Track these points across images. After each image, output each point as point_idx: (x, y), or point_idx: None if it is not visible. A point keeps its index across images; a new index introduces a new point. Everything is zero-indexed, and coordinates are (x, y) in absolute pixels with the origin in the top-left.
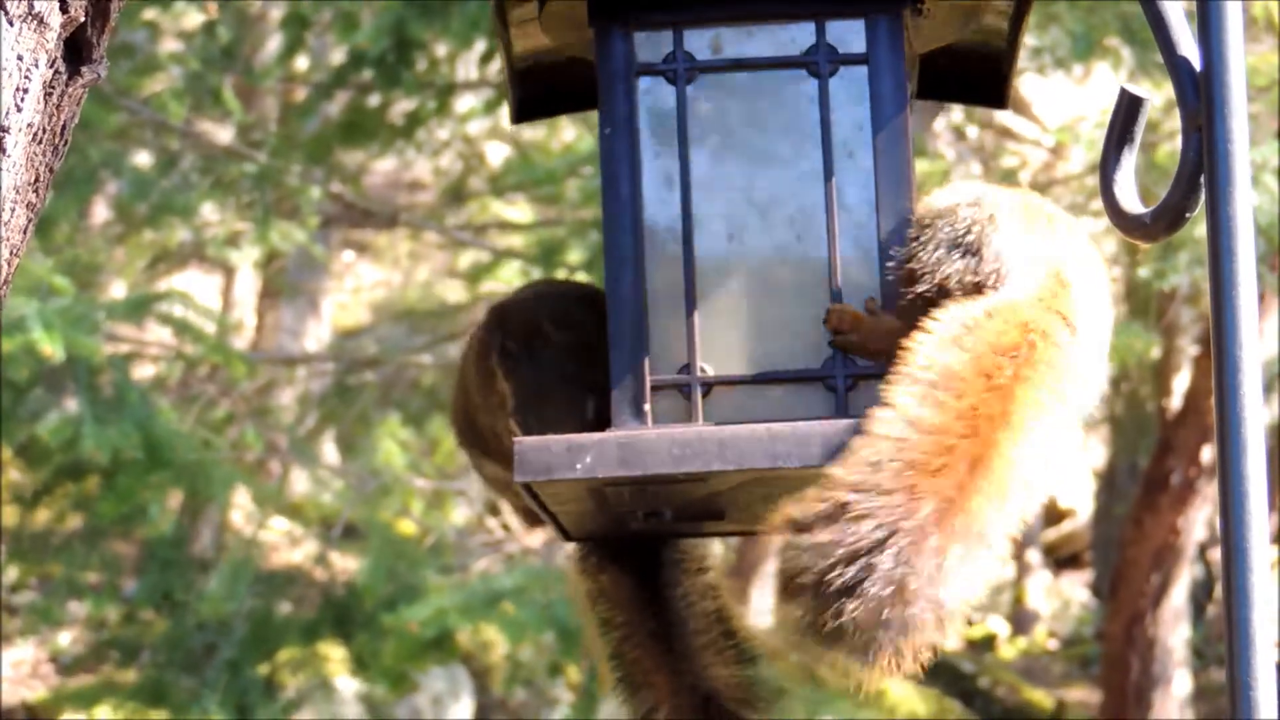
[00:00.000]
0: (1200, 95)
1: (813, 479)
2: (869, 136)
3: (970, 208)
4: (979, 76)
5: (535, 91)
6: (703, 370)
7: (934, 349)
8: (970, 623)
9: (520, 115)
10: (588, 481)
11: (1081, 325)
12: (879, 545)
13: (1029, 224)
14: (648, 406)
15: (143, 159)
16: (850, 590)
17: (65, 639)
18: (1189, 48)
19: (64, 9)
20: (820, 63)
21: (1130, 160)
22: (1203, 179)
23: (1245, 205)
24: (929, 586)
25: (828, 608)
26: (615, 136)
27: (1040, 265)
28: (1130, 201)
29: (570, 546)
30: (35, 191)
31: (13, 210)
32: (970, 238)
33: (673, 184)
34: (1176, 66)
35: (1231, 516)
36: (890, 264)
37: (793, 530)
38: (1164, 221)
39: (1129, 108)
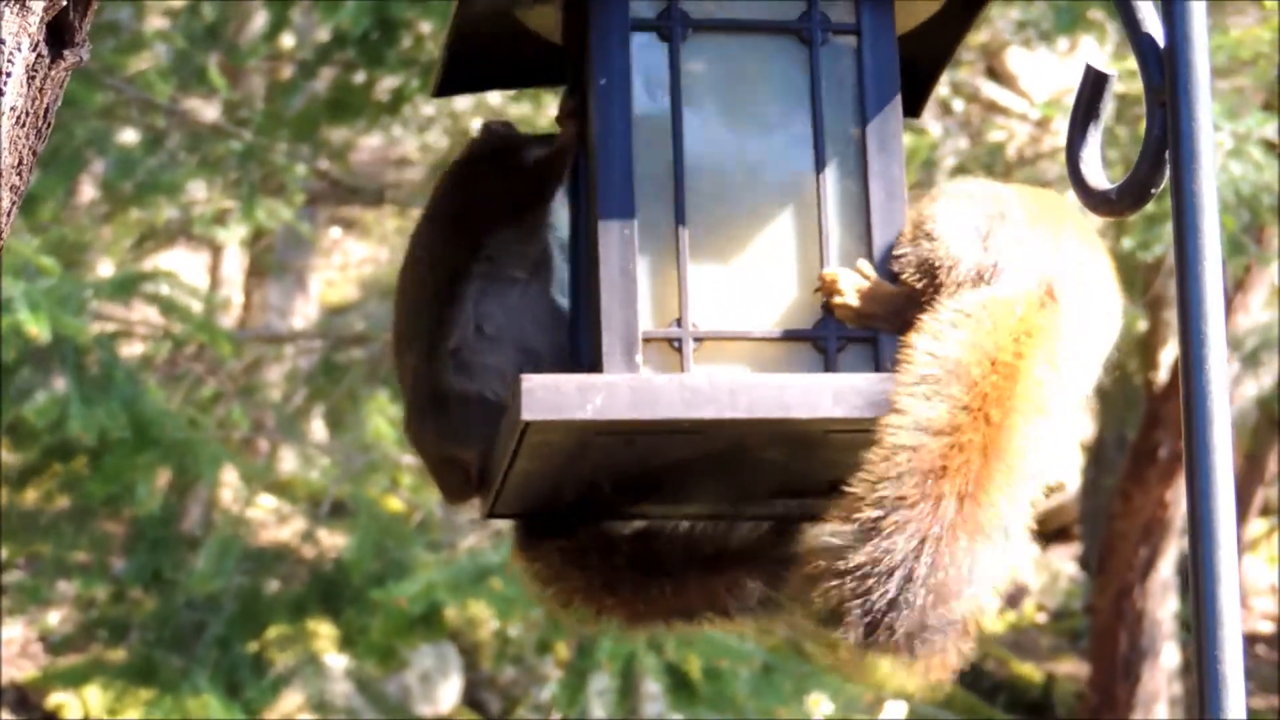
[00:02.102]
0: (1164, 72)
1: (802, 453)
2: (859, 106)
3: (983, 200)
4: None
5: (463, 66)
6: (694, 325)
7: (934, 340)
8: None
9: (443, 88)
10: (589, 426)
11: (1069, 338)
12: (914, 555)
13: (1033, 226)
14: (639, 358)
15: (129, 137)
16: (895, 604)
17: (54, 618)
18: (1153, 25)
19: None
20: (813, 30)
21: (1096, 137)
22: (1167, 155)
23: (1209, 181)
24: (965, 585)
25: (877, 627)
26: (611, 88)
27: (1033, 274)
28: (1096, 178)
29: (513, 532)
30: (19, 174)
31: None
32: (981, 228)
33: (664, 140)
34: (1140, 43)
35: (1198, 494)
36: (895, 245)
37: (824, 558)
38: (1129, 198)
39: (1094, 85)
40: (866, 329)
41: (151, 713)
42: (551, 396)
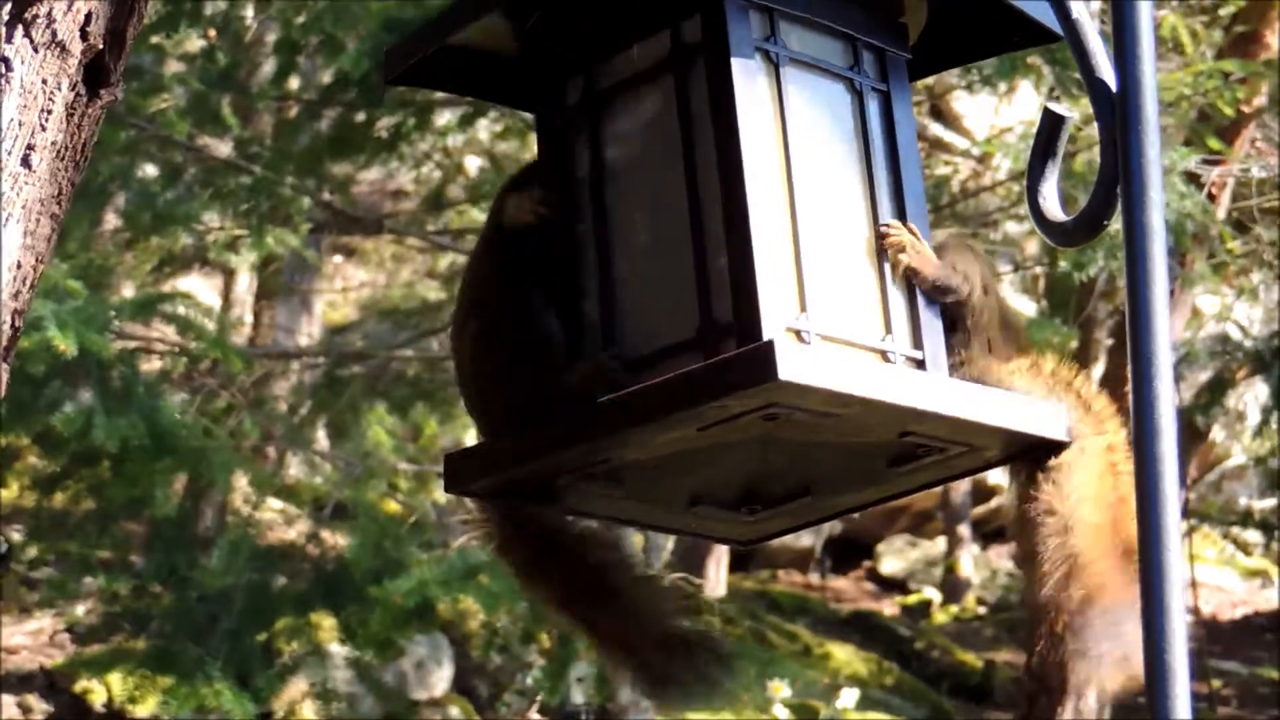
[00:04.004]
0: (1116, 113)
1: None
2: (892, 154)
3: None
4: None
5: (427, 65)
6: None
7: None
8: (908, 591)
9: (397, 78)
10: (830, 397)
11: None
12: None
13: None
14: (789, 345)
15: (149, 171)
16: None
17: (81, 610)
18: (1106, 70)
19: (84, 37)
20: (861, 81)
21: (1054, 173)
22: (1119, 189)
23: (1158, 212)
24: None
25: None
26: (749, 98)
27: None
28: (1054, 210)
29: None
30: (58, 204)
31: (38, 221)
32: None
33: (776, 153)
34: (1094, 86)
35: (1149, 500)
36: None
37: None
38: (1084, 228)
39: (1052, 125)
40: (914, 284)
41: (169, 698)
42: (802, 362)
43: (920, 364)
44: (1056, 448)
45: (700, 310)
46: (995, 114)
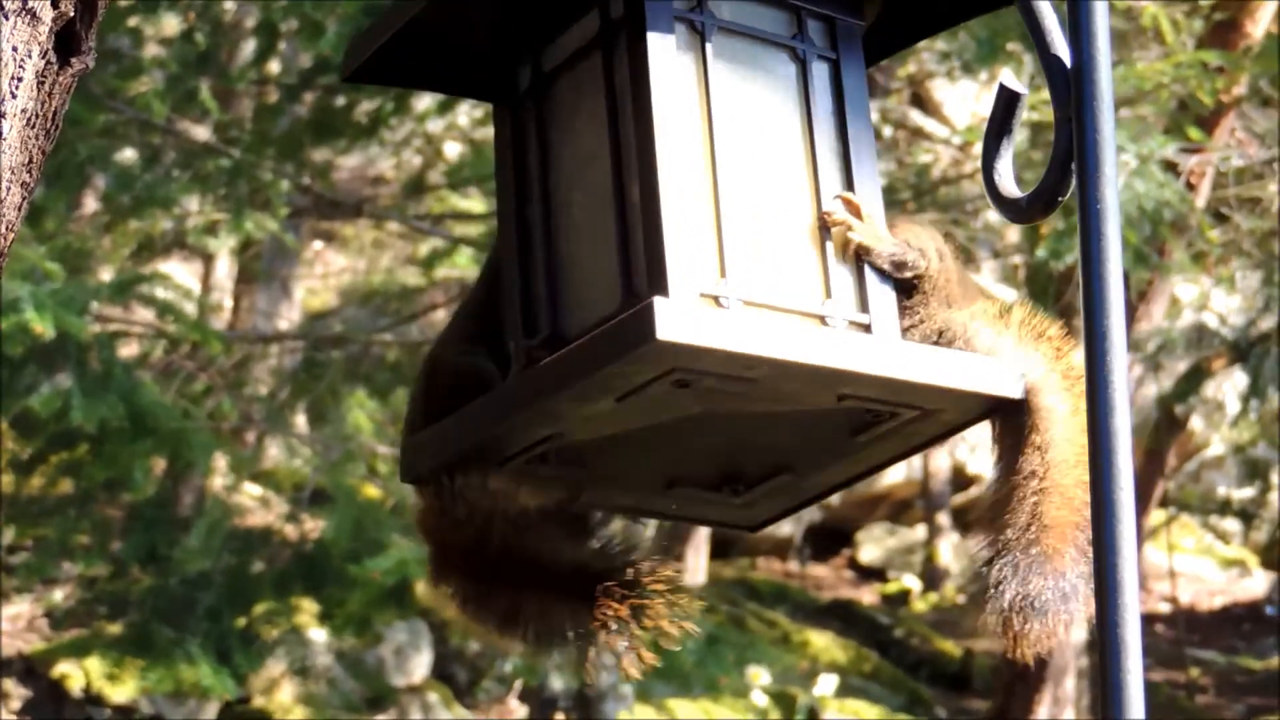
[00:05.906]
0: (1071, 89)
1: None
2: (840, 123)
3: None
4: None
5: (387, 59)
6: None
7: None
8: (887, 579)
9: (355, 75)
10: (705, 355)
11: None
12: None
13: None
14: (699, 311)
15: (128, 155)
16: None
17: (58, 595)
18: (1061, 47)
19: (55, 4)
20: (804, 49)
21: (1009, 149)
22: (1073, 166)
23: (1112, 189)
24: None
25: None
26: (667, 69)
27: None
28: (1009, 187)
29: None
30: (29, 172)
31: (8, 189)
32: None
33: (697, 123)
34: (1050, 64)
35: (1101, 473)
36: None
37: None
38: (1039, 204)
39: (1007, 101)
40: (865, 264)
41: (147, 680)
42: (687, 321)
43: (866, 328)
44: (1014, 408)
45: (622, 283)
46: (976, 101)
